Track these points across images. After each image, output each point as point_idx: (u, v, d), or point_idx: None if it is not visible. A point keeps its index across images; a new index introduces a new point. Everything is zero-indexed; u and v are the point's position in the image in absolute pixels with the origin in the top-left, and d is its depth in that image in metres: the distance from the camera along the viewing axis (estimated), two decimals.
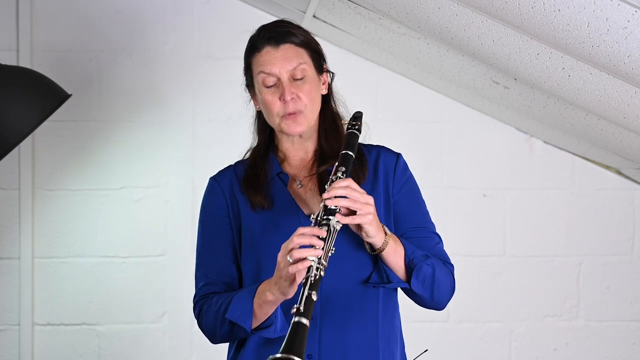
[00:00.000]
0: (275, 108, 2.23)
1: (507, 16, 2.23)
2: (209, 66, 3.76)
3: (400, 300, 2.32)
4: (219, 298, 2.23)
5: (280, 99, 2.22)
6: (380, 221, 2.20)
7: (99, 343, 3.75)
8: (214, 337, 2.28)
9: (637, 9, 1.99)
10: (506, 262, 3.84)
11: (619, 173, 3.82)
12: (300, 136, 2.29)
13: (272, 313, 2.15)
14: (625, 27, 2.05)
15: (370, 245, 2.18)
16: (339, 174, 2.14)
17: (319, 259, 2.02)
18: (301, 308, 1.96)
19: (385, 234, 2.16)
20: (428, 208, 2.36)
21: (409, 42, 3.21)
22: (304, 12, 3.47)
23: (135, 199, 3.76)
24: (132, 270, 3.75)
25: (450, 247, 3.79)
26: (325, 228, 2.06)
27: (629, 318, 3.85)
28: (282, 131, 2.26)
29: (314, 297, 1.97)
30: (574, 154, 3.82)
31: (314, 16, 3.46)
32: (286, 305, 2.15)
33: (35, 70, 3.22)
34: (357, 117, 2.27)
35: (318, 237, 2.04)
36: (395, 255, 2.18)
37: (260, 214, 2.27)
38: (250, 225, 2.27)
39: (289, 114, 2.22)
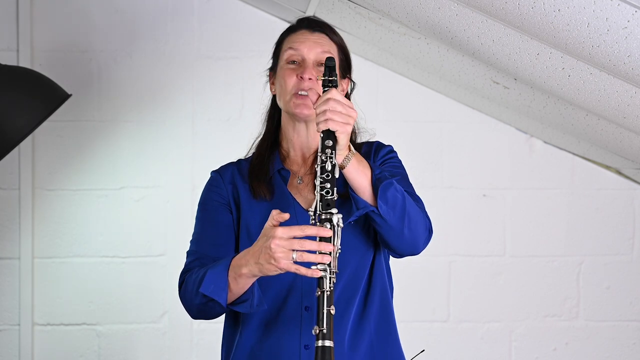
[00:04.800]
0: (291, 83, 2.25)
1: (507, 16, 2.23)
2: (209, 66, 3.76)
3: (400, 302, 2.32)
4: (200, 269, 2.20)
5: (297, 76, 2.24)
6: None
7: (99, 343, 3.75)
8: (192, 310, 2.24)
9: (637, 9, 1.99)
10: (506, 262, 3.84)
11: (619, 173, 3.82)
12: (307, 127, 2.29)
13: (249, 288, 2.11)
14: (625, 27, 2.05)
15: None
16: (327, 152, 2.07)
17: (329, 266, 1.97)
18: (324, 330, 1.92)
19: (350, 152, 2.08)
20: (428, 208, 2.35)
21: (409, 42, 3.21)
22: (304, 12, 3.47)
23: (135, 199, 3.75)
24: (132, 270, 3.75)
25: (450, 247, 3.83)
26: (329, 225, 2.01)
27: (629, 318, 3.85)
28: (289, 110, 2.27)
29: (332, 312, 1.94)
30: (574, 154, 3.82)
31: (314, 16, 3.46)
32: (265, 279, 2.11)
33: (35, 70, 3.22)
34: (331, 66, 2.14)
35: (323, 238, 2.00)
36: (358, 173, 2.09)
37: (259, 207, 2.27)
38: (249, 219, 2.28)
39: (301, 96, 2.23)
